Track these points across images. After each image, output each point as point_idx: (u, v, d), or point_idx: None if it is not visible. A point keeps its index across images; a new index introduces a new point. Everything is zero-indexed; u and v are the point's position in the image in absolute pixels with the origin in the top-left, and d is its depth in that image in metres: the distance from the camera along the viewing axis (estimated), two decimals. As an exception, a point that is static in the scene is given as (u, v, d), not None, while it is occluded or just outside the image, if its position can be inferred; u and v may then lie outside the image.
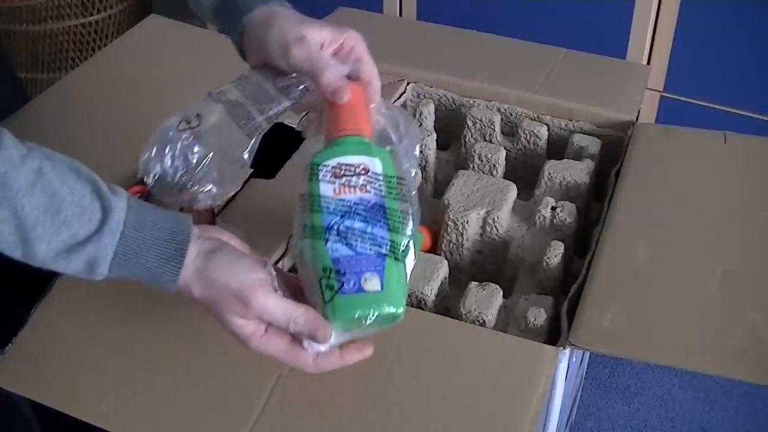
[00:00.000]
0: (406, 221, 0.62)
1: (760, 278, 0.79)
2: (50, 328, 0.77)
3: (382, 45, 1.18)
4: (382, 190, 0.62)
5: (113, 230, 0.57)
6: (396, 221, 0.61)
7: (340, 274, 0.59)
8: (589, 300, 0.77)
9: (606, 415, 1.52)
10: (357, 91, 0.66)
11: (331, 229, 0.60)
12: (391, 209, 0.61)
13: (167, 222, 0.59)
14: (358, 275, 0.59)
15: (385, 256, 0.60)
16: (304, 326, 0.59)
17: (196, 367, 0.72)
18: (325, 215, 0.61)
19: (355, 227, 0.60)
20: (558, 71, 1.11)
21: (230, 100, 0.66)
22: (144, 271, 0.58)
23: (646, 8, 1.56)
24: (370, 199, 0.61)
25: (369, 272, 0.59)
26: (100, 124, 1.00)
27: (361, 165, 0.63)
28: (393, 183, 0.63)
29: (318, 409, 0.69)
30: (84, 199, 0.56)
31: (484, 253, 0.92)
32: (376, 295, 0.59)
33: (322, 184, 0.62)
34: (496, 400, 0.68)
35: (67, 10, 1.90)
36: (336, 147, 0.64)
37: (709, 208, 0.88)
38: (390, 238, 0.61)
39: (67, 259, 0.56)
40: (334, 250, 0.59)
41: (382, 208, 0.61)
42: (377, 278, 0.59)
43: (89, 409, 0.71)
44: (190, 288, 0.59)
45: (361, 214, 0.61)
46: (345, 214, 0.61)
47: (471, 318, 0.78)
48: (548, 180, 0.94)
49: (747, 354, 0.71)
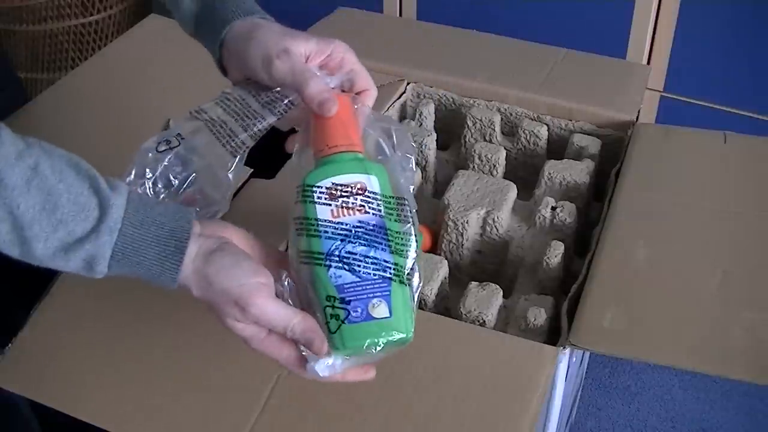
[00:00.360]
0: (409, 242, 0.60)
1: (759, 278, 0.79)
2: (50, 328, 0.77)
3: (382, 45, 1.18)
4: (381, 210, 0.60)
5: (111, 228, 0.56)
6: (399, 243, 0.59)
7: (346, 302, 0.57)
8: (589, 300, 0.77)
9: (606, 415, 1.52)
10: (346, 104, 0.63)
11: (332, 255, 0.58)
12: (392, 231, 0.59)
13: (168, 218, 0.58)
14: (365, 302, 0.57)
15: (391, 280, 0.58)
16: (300, 335, 0.57)
17: (197, 367, 0.72)
18: (324, 240, 0.58)
19: (356, 252, 0.58)
20: (558, 71, 1.11)
21: (212, 119, 0.64)
22: (143, 269, 0.58)
23: (646, 8, 1.56)
24: (369, 220, 0.59)
25: (376, 298, 0.57)
26: (100, 123, 1.00)
27: (358, 184, 0.60)
28: (392, 203, 0.61)
29: (318, 409, 0.69)
30: (81, 196, 0.55)
31: (484, 253, 0.92)
32: (384, 322, 0.57)
33: (318, 206, 0.59)
34: (496, 400, 0.68)
35: (67, 10, 1.90)
36: (329, 166, 0.61)
37: (709, 208, 0.88)
38: (394, 261, 0.58)
39: (65, 258, 0.56)
40: (338, 276, 0.57)
41: (383, 229, 0.59)
42: (384, 304, 0.57)
43: (89, 409, 0.71)
44: (190, 288, 0.59)
45: (362, 238, 0.58)
46: (345, 238, 0.58)
47: (471, 318, 0.78)
48: (548, 180, 0.94)
49: (747, 354, 0.71)
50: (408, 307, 0.58)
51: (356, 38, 1.19)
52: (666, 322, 0.75)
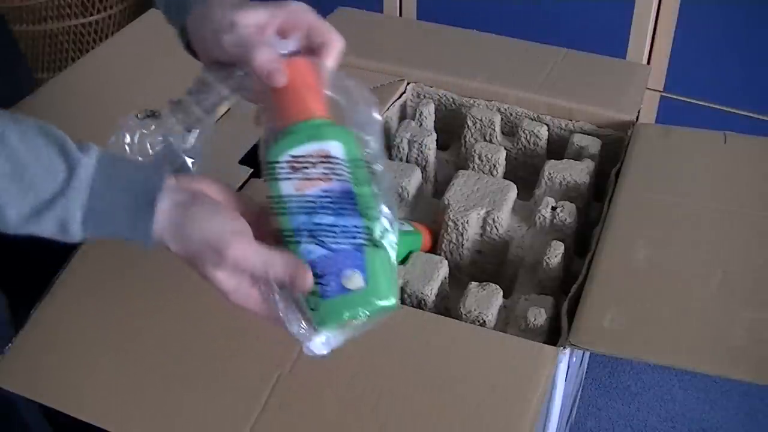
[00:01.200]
0: (380, 203, 0.57)
1: (759, 278, 0.79)
2: (50, 328, 0.77)
3: (382, 45, 1.18)
4: (346, 175, 0.57)
5: (78, 188, 0.55)
6: (368, 205, 0.57)
7: (319, 277, 0.55)
8: (589, 300, 0.77)
9: (606, 415, 1.52)
10: (301, 68, 0.59)
11: (301, 230, 0.56)
12: (360, 194, 0.57)
13: (140, 174, 0.56)
14: (338, 275, 0.55)
15: (363, 246, 0.56)
16: (283, 273, 0.55)
17: (197, 367, 0.72)
18: (291, 217, 0.56)
19: (324, 222, 0.56)
20: (558, 71, 1.11)
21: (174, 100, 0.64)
22: (117, 226, 0.56)
23: (646, 8, 1.56)
24: (334, 188, 0.57)
25: (348, 269, 0.55)
26: (98, 117, 1.00)
27: (317, 152, 0.57)
28: (360, 164, 0.58)
29: (318, 409, 0.69)
30: (49, 159, 0.54)
31: (484, 253, 0.92)
32: (361, 292, 0.55)
33: (281, 183, 0.57)
34: (496, 400, 0.68)
35: (67, 10, 1.90)
36: (286, 138, 0.58)
37: (709, 208, 0.88)
38: (365, 225, 0.56)
39: (38, 222, 0.55)
40: (309, 252, 0.56)
41: (349, 194, 0.56)
42: (358, 274, 0.55)
43: (89, 409, 0.71)
44: (167, 243, 0.57)
45: (328, 208, 0.56)
46: (311, 210, 0.56)
47: (471, 318, 0.78)
48: (548, 180, 0.94)
49: (747, 354, 0.71)
50: (386, 271, 0.56)
51: (356, 38, 1.20)
52: (666, 322, 0.75)
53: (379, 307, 0.55)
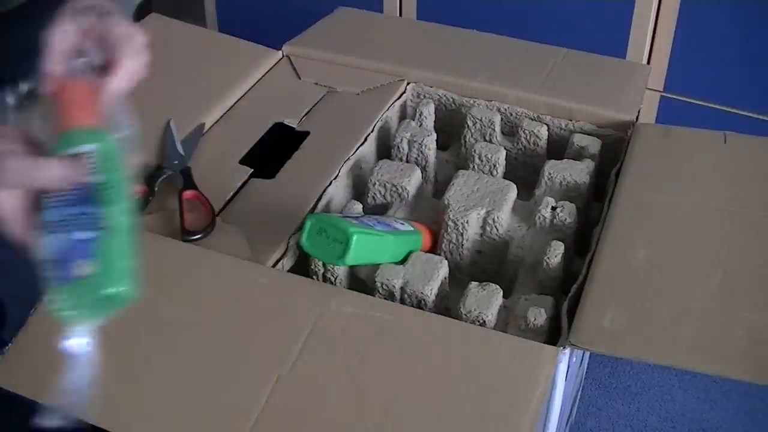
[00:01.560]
0: (121, 189, 0.60)
1: (760, 278, 0.79)
2: (50, 328, 0.77)
3: (382, 45, 1.18)
4: (96, 169, 0.60)
5: None
6: (109, 193, 0.59)
7: (54, 264, 0.58)
8: (589, 300, 0.77)
9: (606, 415, 1.52)
10: (77, 86, 0.62)
11: (48, 222, 0.59)
12: (103, 183, 0.59)
13: None
14: (70, 263, 0.58)
15: (97, 234, 0.58)
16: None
17: (196, 367, 0.72)
18: (45, 212, 0.60)
19: (65, 213, 0.59)
20: (558, 71, 1.11)
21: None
22: None
23: (646, 8, 1.56)
24: (83, 181, 0.59)
25: (80, 258, 0.58)
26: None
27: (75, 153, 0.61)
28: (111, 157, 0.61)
29: (318, 409, 0.69)
30: None
31: (484, 253, 0.92)
32: (91, 280, 0.57)
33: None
34: (496, 400, 0.68)
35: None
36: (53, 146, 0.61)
37: (709, 208, 0.88)
38: (101, 213, 0.59)
39: None
40: (50, 243, 0.58)
41: (94, 185, 0.59)
42: (89, 262, 0.58)
43: (89, 409, 0.71)
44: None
45: (69, 200, 0.59)
46: (59, 205, 0.59)
47: (471, 318, 0.78)
48: (548, 180, 0.94)
49: (747, 354, 0.71)
50: (122, 259, 0.59)
51: (356, 38, 1.20)
52: (666, 323, 0.75)
53: (110, 294, 0.58)
